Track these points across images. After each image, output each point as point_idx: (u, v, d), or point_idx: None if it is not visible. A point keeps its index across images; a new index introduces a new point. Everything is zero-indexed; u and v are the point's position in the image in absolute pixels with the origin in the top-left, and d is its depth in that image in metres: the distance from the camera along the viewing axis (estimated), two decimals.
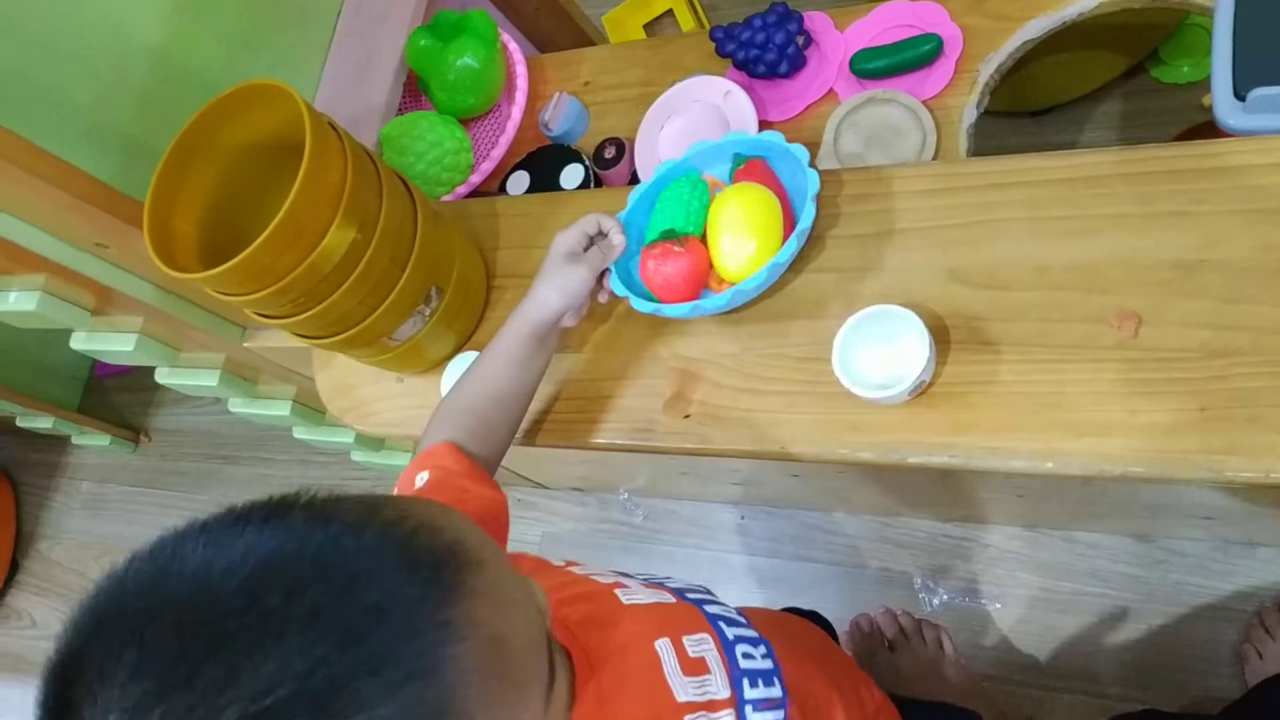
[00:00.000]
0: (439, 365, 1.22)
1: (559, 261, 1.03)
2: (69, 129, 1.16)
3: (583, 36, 1.86)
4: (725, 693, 0.73)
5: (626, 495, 1.93)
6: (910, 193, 1.05)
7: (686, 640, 0.75)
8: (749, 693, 0.75)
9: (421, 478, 0.93)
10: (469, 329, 1.22)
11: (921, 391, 0.96)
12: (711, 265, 1.06)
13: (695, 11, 2.15)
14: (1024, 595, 1.59)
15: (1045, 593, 1.58)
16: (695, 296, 1.05)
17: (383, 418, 1.26)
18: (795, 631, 1.05)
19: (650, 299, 1.07)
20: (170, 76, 1.26)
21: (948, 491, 1.52)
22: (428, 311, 1.15)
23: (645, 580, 0.85)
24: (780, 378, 1.04)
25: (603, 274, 1.07)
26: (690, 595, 0.84)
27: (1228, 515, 1.38)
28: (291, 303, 1.05)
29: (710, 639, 0.77)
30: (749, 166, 1.08)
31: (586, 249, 1.05)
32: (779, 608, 1.28)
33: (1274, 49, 0.97)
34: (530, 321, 1.01)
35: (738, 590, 1.77)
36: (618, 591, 0.79)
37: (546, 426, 1.16)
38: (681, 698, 0.71)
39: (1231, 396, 0.86)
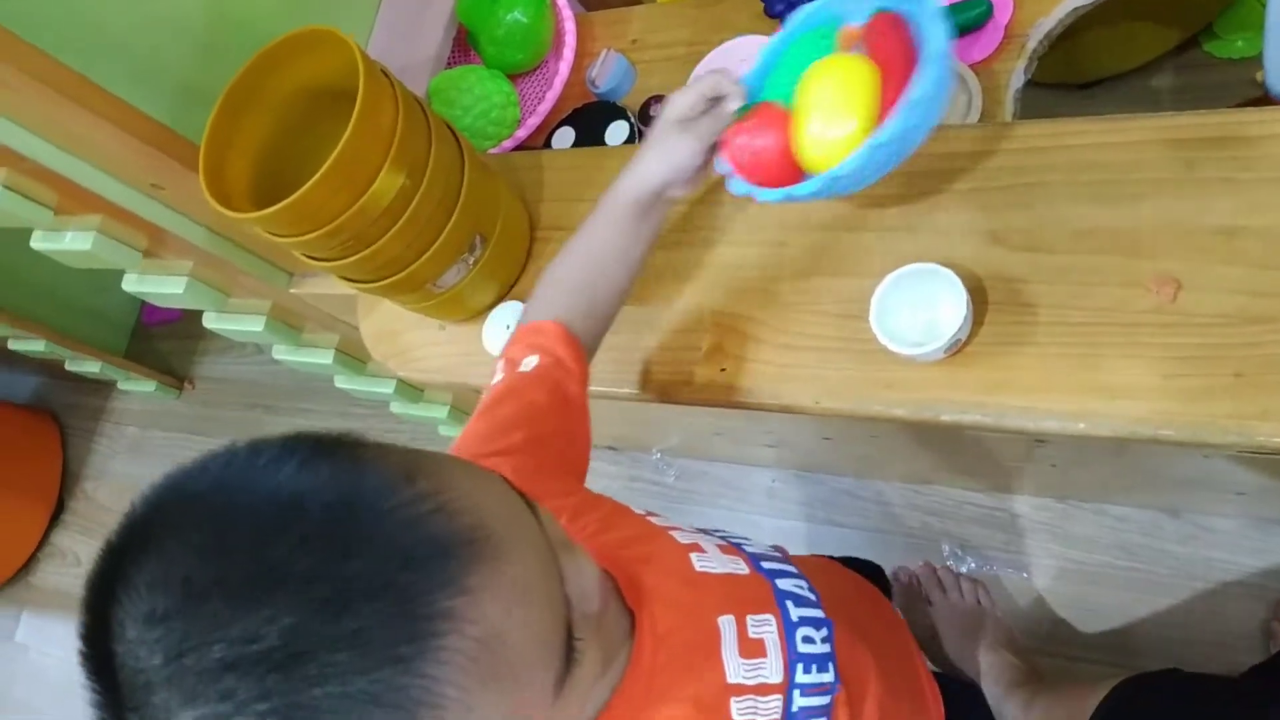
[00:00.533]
0: (481, 314, 1.24)
1: (668, 129, 0.94)
2: (124, 71, 1.18)
3: None
4: (778, 677, 0.73)
5: (659, 455, 1.95)
6: (953, 154, 1.06)
7: (750, 620, 0.75)
8: (800, 677, 0.75)
9: (530, 361, 0.90)
10: (511, 279, 1.24)
11: (957, 350, 0.97)
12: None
13: None
14: (1052, 566, 1.60)
15: (1074, 564, 1.59)
16: (790, 179, 0.92)
17: (425, 364, 1.29)
18: (856, 604, 1.00)
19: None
20: (225, 24, 1.28)
21: (979, 459, 1.53)
22: (471, 260, 1.17)
23: (722, 541, 0.84)
24: (817, 334, 1.05)
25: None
26: (765, 565, 0.83)
27: (1261, 491, 1.38)
28: (340, 245, 1.08)
29: (774, 620, 0.76)
30: (879, 22, 0.88)
31: (705, 114, 0.94)
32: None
33: None
34: (631, 191, 0.95)
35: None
36: (693, 555, 0.79)
37: None
38: (733, 679, 0.71)
39: (1265, 363, 0.86)
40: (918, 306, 0.97)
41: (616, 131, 1.39)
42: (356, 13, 1.51)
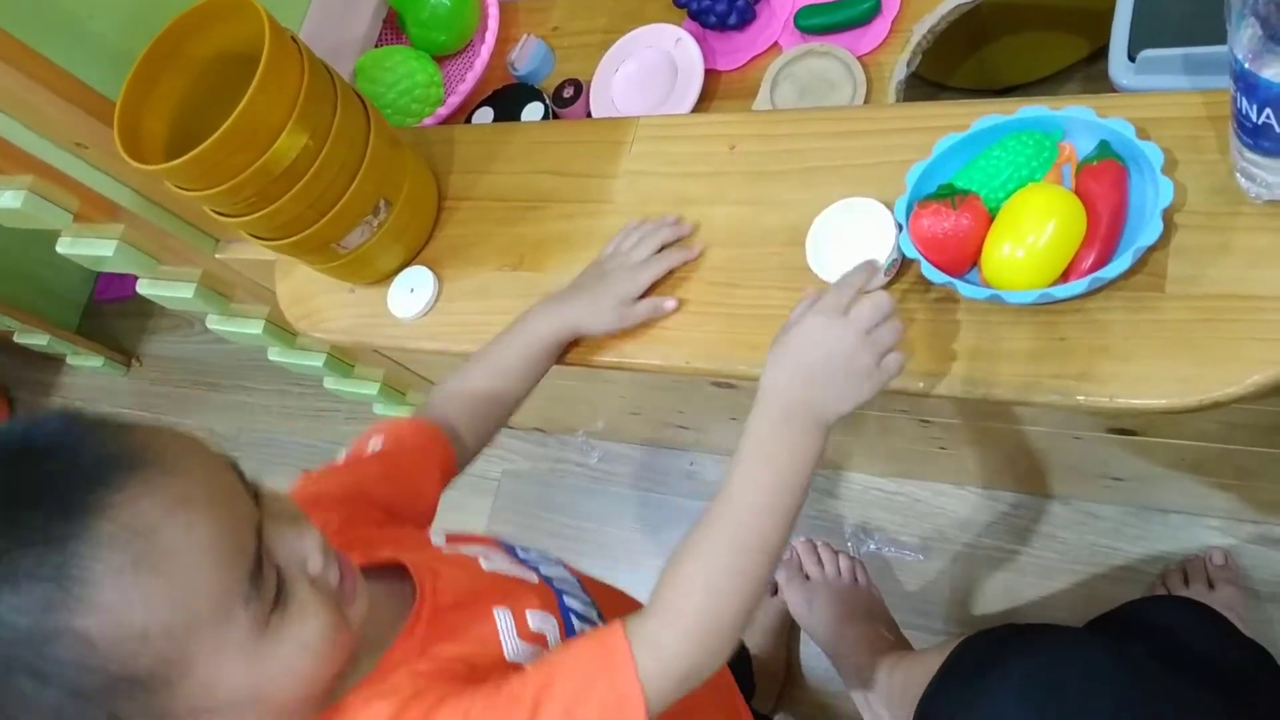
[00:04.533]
0: (388, 277, 1.30)
1: (607, 298, 1.07)
2: (56, 33, 1.23)
3: None
4: None
5: (584, 437, 2.01)
6: (842, 133, 1.12)
7: (529, 614, 0.79)
8: None
9: (375, 443, 0.97)
10: (418, 244, 1.30)
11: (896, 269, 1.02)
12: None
13: None
14: (947, 549, 1.66)
15: (967, 548, 1.65)
16: (962, 266, 0.97)
17: (333, 324, 1.34)
18: None
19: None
20: None
21: (878, 443, 1.59)
22: (375, 222, 1.22)
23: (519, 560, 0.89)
24: (693, 299, 1.11)
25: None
26: (555, 584, 0.87)
27: (1138, 479, 1.44)
28: (244, 202, 1.13)
29: (554, 620, 0.80)
30: (1104, 167, 0.92)
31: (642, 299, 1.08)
32: None
33: (1166, 15, 1.04)
34: (553, 333, 1.07)
35: (682, 532, 1.85)
36: (480, 560, 0.85)
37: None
38: (511, 658, 0.74)
39: (1089, 328, 0.93)
40: (844, 241, 1.01)
41: (532, 112, 1.45)
42: None
